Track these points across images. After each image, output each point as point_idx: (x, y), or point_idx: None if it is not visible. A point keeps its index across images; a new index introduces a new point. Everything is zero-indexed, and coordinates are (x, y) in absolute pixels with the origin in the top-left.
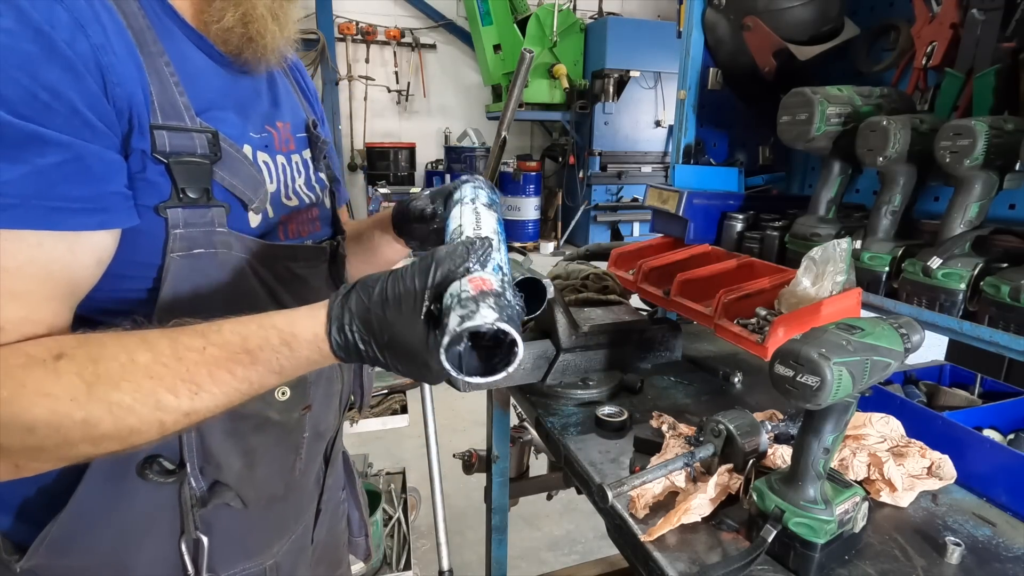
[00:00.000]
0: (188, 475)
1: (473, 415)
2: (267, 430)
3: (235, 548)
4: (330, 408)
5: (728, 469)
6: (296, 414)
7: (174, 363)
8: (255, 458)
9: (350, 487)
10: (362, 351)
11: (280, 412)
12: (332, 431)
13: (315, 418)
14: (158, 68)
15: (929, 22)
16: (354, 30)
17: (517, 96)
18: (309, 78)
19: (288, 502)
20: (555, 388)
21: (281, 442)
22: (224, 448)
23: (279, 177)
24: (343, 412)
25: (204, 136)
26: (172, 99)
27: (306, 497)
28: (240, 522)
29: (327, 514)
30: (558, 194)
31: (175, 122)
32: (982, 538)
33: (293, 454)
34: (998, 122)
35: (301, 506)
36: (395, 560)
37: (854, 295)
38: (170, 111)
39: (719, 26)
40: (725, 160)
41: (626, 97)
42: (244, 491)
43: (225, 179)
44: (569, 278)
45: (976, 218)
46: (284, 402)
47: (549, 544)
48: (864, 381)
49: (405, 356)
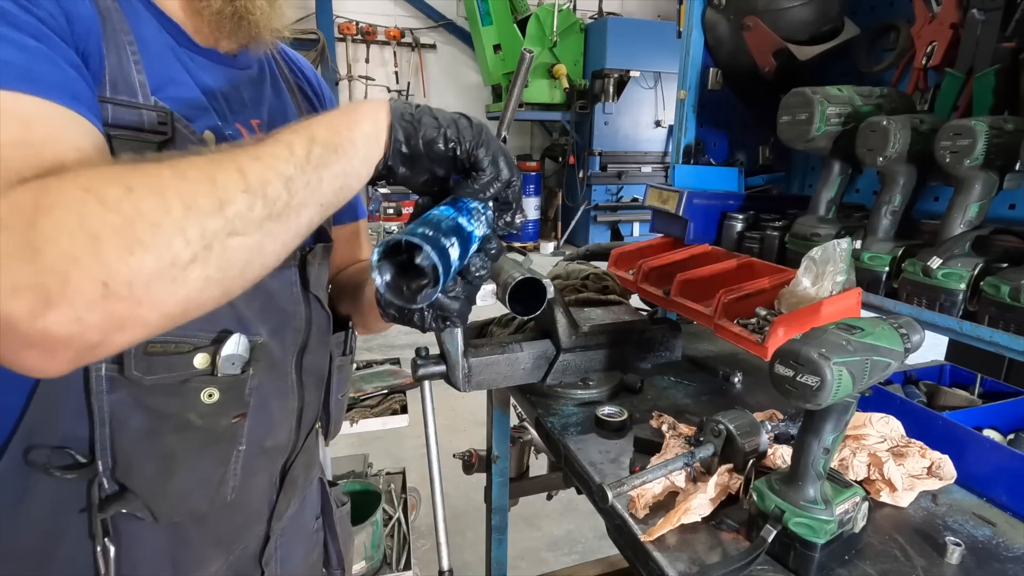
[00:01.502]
0: (100, 474)
1: (473, 415)
2: (189, 434)
3: (153, 563)
4: (282, 425)
5: (728, 469)
6: (225, 421)
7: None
8: (173, 465)
9: (326, 517)
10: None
11: (204, 416)
12: (286, 450)
13: (256, 431)
14: (119, 44)
15: (929, 22)
16: (354, 30)
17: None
18: (322, 83)
19: (219, 521)
20: (555, 388)
21: (206, 451)
22: (137, 448)
23: None
24: (306, 433)
25: (155, 114)
26: (127, 76)
27: (246, 519)
28: (155, 535)
29: (291, 543)
30: (558, 194)
31: (125, 97)
32: (982, 538)
33: (221, 467)
34: (998, 122)
35: (237, 529)
36: (395, 560)
37: (854, 295)
38: (122, 86)
39: (719, 26)
40: (725, 160)
41: (626, 97)
42: (155, 502)
43: None
44: (569, 278)
45: (976, 218)
46: (211, 405)
47: (549, 544)
48: (864, 381)
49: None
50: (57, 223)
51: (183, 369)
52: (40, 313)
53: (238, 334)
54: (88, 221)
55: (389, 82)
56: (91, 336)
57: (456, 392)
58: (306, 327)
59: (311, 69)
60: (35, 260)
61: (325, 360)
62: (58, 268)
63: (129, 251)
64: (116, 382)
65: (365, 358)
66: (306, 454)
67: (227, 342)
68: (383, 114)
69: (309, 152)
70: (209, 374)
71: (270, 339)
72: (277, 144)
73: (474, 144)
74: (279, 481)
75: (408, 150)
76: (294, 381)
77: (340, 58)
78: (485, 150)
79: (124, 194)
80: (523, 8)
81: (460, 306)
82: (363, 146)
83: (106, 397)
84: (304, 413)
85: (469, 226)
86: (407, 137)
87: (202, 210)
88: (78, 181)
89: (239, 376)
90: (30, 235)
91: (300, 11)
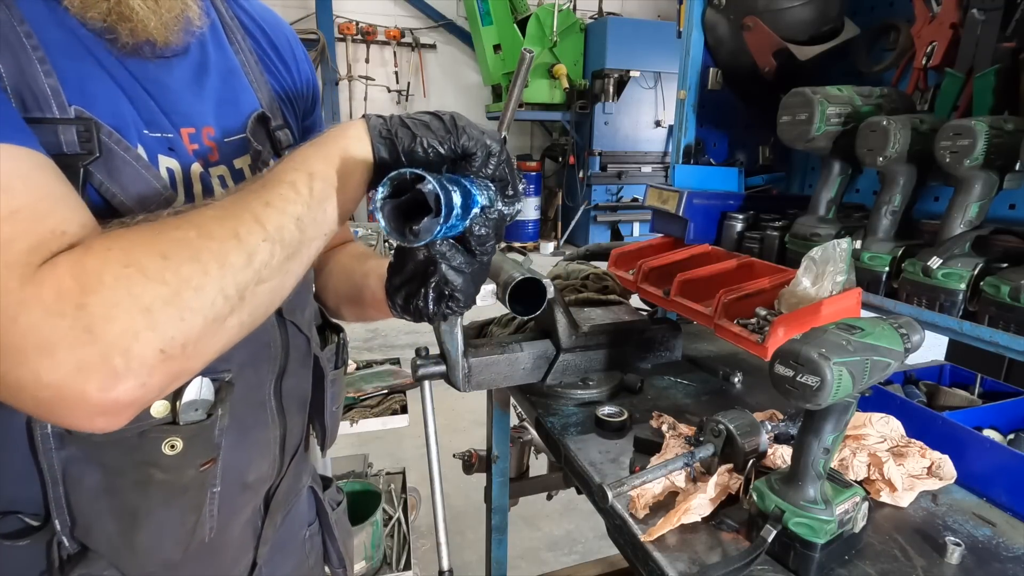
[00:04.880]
0: (58, 533)
1: (473, 415)
2: (151, 490)
3: None
4: (264, 455)
5: (728, 469)
6: (192, 471)
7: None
8: (136, 521)
9: (322, 521)
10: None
11: (168, 471)
12: (270, 479)
13: (235, 468)
14: (14, 43)
15: (929, 22)
16: (354, 30)
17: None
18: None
19: (199, 564)
20: (555, 388)
21: (173, 503)
22: (95, 508)
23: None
24: (291, 457)
25: (73, 128)
26: (33, 81)
27: (229, 554)
28: None
29: (280, 558)
30: (558, 194)
31: (34, 113)
32: (982, 538)
33: (193, 514)
34: (998, 122)
35: (220, 566)
36: (395, 560)
37: (854, 295)
38: (29, 98)
39: (719, 26)
40: (725, 160)
41: (626, 97)
42: (121, 561)
43: (103, 183)
44: (569, 278)
45: (976, 218)
46: (173, 457)
47: (549, 544)
48: (864, 381)
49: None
50: (108, 302)
51: (139, 420)
52: (110, 387)
53: (199, 377)
54: (138, 296)
55: (389, 82)
56: (152, 395)
57: (456, 392)
58: (283, 354)
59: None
60: (96, 341)
61: (307, 382)
62: (120, 344)
63: (181, 318)
64: (64, 438)
65: (365, 358)
66: (292, 475)
67: (187, 387)
68: (364, 136)
69: (311, 189)
70: (170, 423)
71: (243, 370)
72: (281, 185)
73: (453, 138)
74: (264, 508)
75: (392, 162)
76: (273, 409)
77: (340, 58)
78: (467, 138)
79: (163, 264)
80: (523, 8)
81: (464, 283)
82: (355, 171)
83: (55, 454)
84: (287, 439)
85: (471, 188)
86: (388, 153)
87: (234, 267)
88: (113, 256)
89: (204, 422)
90: (85, 318)
91: (300, 11)
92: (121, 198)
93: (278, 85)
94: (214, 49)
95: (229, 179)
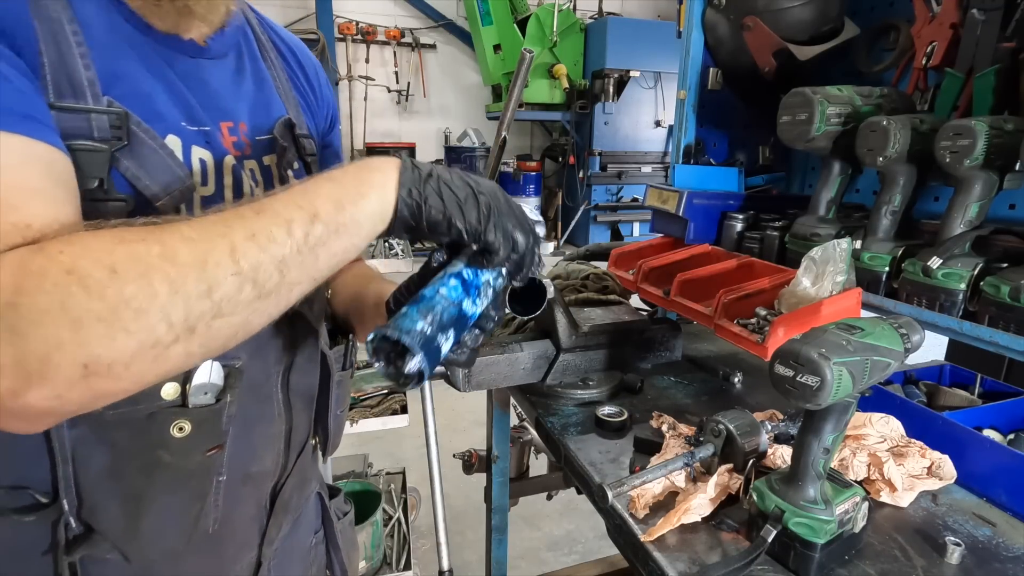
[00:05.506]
0: (65, 513)
1: (473, 415)
2: (157, 473)
3: None
4: (268, 450)
5: (728, 469)
6: (199, 456)
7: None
8: (140, 506)
9: (327, 530)
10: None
11: (175, 454)
12: (274, 474)
13: (239, 458)
14: (58, 35)
15: (929, 22)
16: (354, 30)
17: (517, 96)
18: (319, 71)
19: (201, 555)
20: (555, 388)
21: (178, 489)
22: (101, 489)
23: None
24: (296, 454)
25: (105, 117)
26: (72, 72)
27: (232, 548)
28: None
29: (286, 564)
30: (558, 194)
31: (69, 101)
32: (982, 538)
33: (198, 502)
34: (998, 122)
35: (223, 561)
36: (395, 560)
37: (854, 295)
38: (66, 87)
39: (719, 26)
40: (725, 160)
41: (626, 97)
42: (125, 544)
43: (129, 169)
44: (569, 278)
45: (976, 218)
46: (181, 440)
47: (549, 544)
48: (864, 381)
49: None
50: (39, 307)
51: (149, 401)
52: (21, 391)
53: (210, 361)
54: (70, 307)
55: (389, 82)
56: (70, 408)
57: (456, 392)
58: (291, 346)
59: (307, 55)
60: (16, 342)
61: (315, 378)
62: (39, 351)
63: (111, 337)
64: (76, 418)
65: (365, 358)
66: (298, 474)
67: (198, 370)
68: (391, 188)
69: (308, 233)
70: (179, 406)
71: (251, 361)
72: (277, 219)
73: (483, 227)
74: (269, 505)
75: (414, 224)
76: (280, 403)
77: (340, 58)
78: (495, 231)
79: (108, 278)
80: (523, 8)
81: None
82: (366, 223)
83: (67, 433)
84: (293, 435)
85: (472, 307)
86: (411, 214)
87: (189, 295)
88: (61, 260)
89: (213, 406)
90: (12, 317)
91: (300, 11)
92: (146, 182)
93: (304, 102)
94: (249, 61)
95: (259, 173)
